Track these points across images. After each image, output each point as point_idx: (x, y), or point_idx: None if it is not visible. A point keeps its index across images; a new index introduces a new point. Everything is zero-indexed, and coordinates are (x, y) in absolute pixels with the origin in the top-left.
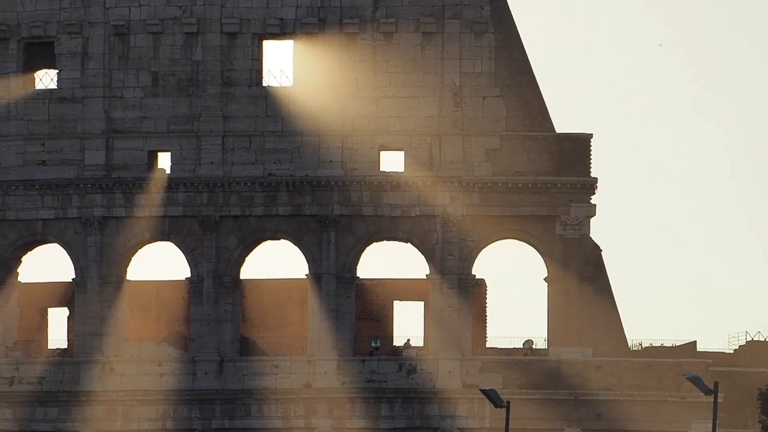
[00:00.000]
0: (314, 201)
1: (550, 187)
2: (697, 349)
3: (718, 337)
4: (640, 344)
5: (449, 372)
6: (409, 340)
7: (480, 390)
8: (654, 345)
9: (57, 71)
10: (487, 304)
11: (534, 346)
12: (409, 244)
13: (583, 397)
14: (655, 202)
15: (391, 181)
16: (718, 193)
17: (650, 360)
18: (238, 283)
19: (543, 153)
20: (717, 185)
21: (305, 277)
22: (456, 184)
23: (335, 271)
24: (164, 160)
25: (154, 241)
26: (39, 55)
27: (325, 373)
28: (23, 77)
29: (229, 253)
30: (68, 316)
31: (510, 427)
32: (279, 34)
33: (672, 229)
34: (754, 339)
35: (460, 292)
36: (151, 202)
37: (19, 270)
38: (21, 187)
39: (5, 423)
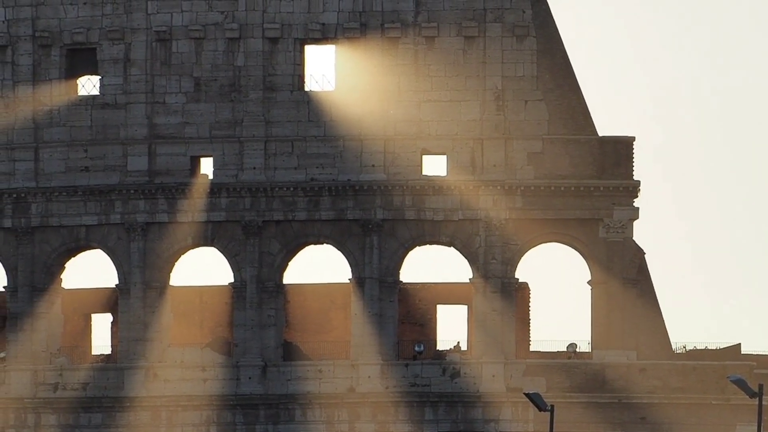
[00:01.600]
0: (357, 205)
1: (593, 190)
2: (742, 352)
3: (762, 339)
4: (684, 347)
5: (493, 376)
6: (459, 342)
7: (524, 394)
8: (698, 348)
9: (99, 77)
10: (530, 308)
11: (578, 350)
12: (452, 248)
13: (627, 401)
14: (698, 205)
15: (434, 185)
16: (761, 194)
17: (694, 363)
18: (281, 288)
19: (586, 156)
20: (761, 187)
21: (348, 281)
22: (498, 187)
23: (378, 276)
24: (207, 166)
25: (197, 247)
26: (81, 61)
27: (369, 377)
28: (66, 84)
29: (272, 257)
30: (112, 322)
31: (554, 430)
32: (321, 39)
33: (715, 231)
34: None
35: (503, 296)
36: (193, 208)
37: (62, 276)
38: (64, 194)
39: (50, 429)
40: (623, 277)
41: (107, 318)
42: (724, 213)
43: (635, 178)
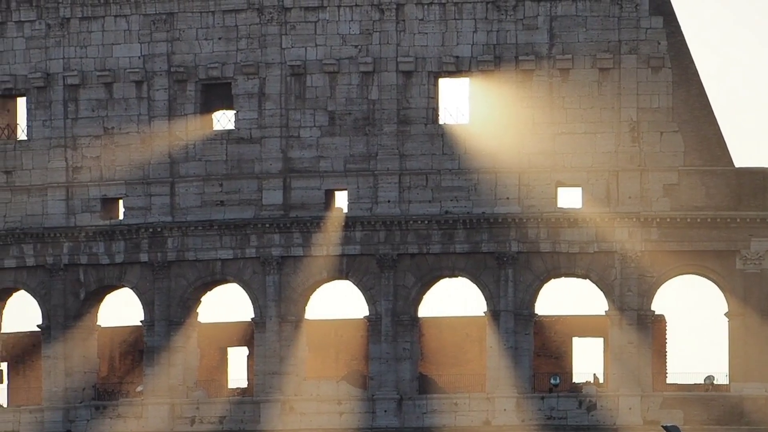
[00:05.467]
0: (491, 238)
1: (730, 221)
2: None
3: None
4: None
5: (630, 408)
6: (595, 375)
7: (662, 426)
8: None
9: (234, 112)
10: (667, 340)
11: (715, 382)
12: (587, 281)
13: None
14: None
15: (569, 217)
16: None
17: None
18: (416, 321)
19: (722, 187)
20: None
21: (483, 314)
22: (634, 219)
23: (513, 308)
24: (341, 199)
25: (331, 280)
26: (216, 96)
27: (505, 410)
28: (201, 118)
29: (407, 291)
30: (248, 356)
31: None
32: (455, 72)
33: None
34: None
35: (639, 328)
36: (328, 241)
37: (198, 310)
38: (200, 228)
39: None
40: (761, 309)
41: (243, 351)
42: None
43: None
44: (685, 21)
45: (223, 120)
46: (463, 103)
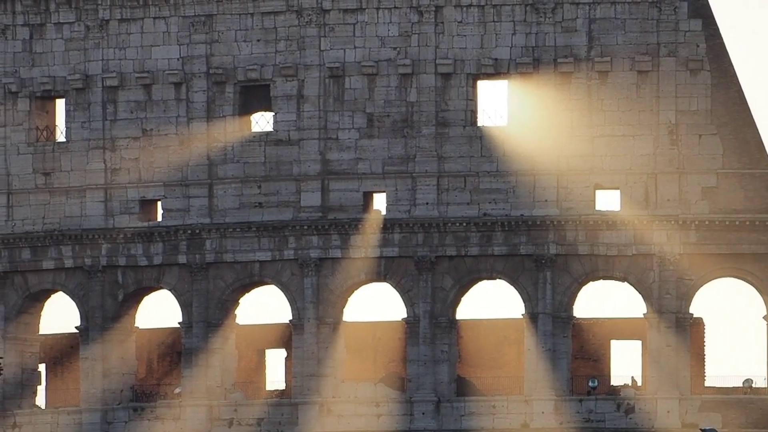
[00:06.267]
0: (530, 240)
1: None
2: None
3: None
4: None
5: (668, 411)
6: (633, 378)
7: (700, 429)
8: None
9: (273, 114)
10: (705, 343)
11: (754, 385)
12: (625, 283)
13: None
14: None
15: (607, 219)
16: None
17: None
18: (454, 324)
19: (760, 190)
20: None
21: (521, 316)
22: (672, 222)
23: (551, 311)
24: (380, 201)
25: (370, 282)
26: (255, 98)
27: (543, 413)
28: (239, 120)
29: (445, 293)
30: (286, 358)
31: None
32: (493, 74)
33: None
34: None
35: (677, 331)
36: (366, 243)
37: (236, 312)
38: (238, 230)
39: None
40: None
41: (281, 353)
42: None
43: None
44: (723, 23)
45: (262, 122)
46: (501, 106)
